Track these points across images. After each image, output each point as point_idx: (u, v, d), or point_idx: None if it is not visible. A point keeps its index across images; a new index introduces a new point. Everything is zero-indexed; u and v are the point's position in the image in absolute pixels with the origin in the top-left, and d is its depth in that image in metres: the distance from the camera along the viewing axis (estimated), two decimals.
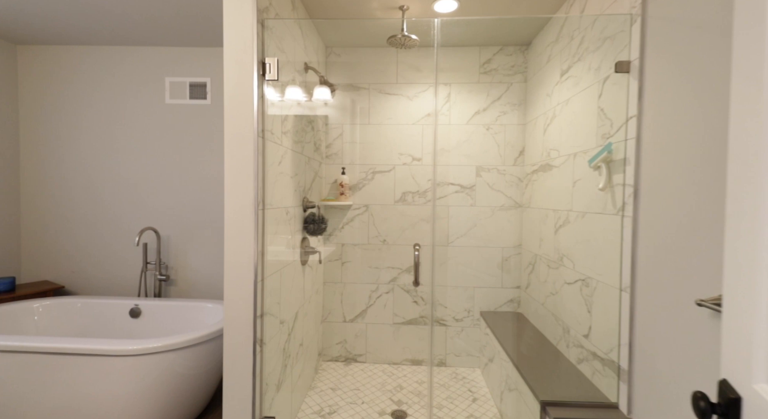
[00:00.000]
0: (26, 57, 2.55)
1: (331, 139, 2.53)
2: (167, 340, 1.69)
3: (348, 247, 2.53)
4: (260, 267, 1.41)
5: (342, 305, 2.54)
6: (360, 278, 2.52)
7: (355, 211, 2.52)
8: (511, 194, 2.43)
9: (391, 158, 2.50)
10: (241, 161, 1.34)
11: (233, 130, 1.33)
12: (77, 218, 2.59)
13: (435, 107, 2.44)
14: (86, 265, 2.60)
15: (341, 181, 2.45)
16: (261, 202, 1.40)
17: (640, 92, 1.27)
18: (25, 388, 1.65)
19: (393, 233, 2.50)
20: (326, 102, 2.58)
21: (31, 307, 2.20)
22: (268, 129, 1.46)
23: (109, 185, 2.57)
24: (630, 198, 1.29)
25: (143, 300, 2.32)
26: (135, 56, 2.54)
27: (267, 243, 1.47)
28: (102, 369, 1.64)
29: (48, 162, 2.59)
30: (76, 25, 2.28)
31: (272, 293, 1.54)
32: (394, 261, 2.50)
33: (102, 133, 2.57)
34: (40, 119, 2.58)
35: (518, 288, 2.44)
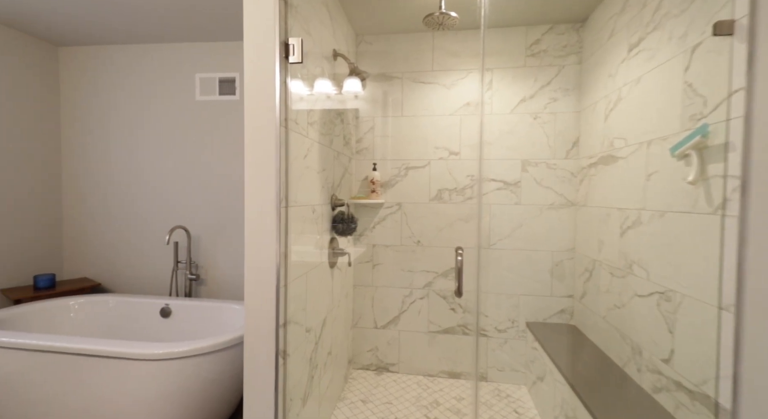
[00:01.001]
0: (67, 58, 2.61)
1: (361, 133, 2.37)
2: (192, 344, 1.61)
3: (379, 248, 2.36)
4: (283, 270, 1.27)
5: (373, 310, 2.37)
6: (392, 281, 2.35)
7: (386, 210, 2.35)
8: (563, 190, 2.16)
9: (426, 152, 2.30)
10: (261, 153, 1.20)
11: (253, 118, 1.20)
12: (113, 217, 2.62)
13: (481, 90, 2.21)
14: (121, 263, 2.62)
15: (372, 177, 2.29)
16: (284, 198, 1.26)
17: (750, 58, 0.99)
18: (53, 388, 1.62)
19: (428, 234, 2.30)
20: (357, 95, 2.43)
21: (68, 304, 2.22)
22: (292, 119, 1.32)
23: (142, 183, 2.57)
24: (735, 193, 1.02)
25: (173, 300, 2.29)
26: (167, 53, 2.52)
27: (291, 244, 1.33)
28: (127, 372, 1.58)
29: (86, 161, 2.64)
30: (111, 25, 2.28)
31: (297, 299, 1.40)
32: (430, 264, 2.30)
33: (136, 131, 2.58)
34: (80, 119, 2.63)
35: (571, 298, 2.16)
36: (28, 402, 1.65)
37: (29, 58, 2.42)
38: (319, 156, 1.63)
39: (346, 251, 1.87)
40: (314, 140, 1.57)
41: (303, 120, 1.44)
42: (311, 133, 1.53)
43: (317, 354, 1.66)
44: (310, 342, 1.57)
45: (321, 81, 1.66)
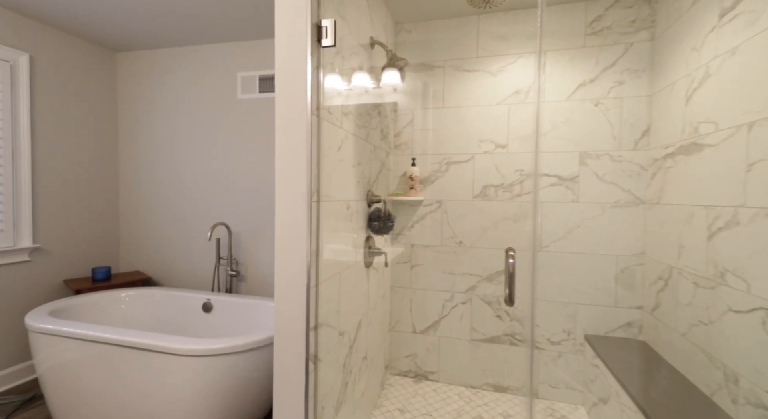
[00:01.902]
0: (123, 63, 2.76)
1: (399, 126, 2.25)
2: (228, 342, 1.59)
3: (418, 248, 2.23)
4: (314, 270, 1.18)
5: (411, 313, 2.25)
6: (432, 284, 2.21)
7: (426, 207, 2.21)
8: (630, 186, 1.89)
9: (470, 145, 2.13)
10: (292, 143, 1.12)
11: (284, 106, 1.13)
12: (162, 213, 2.73)
13: (537, 70, 1.99)
14: (169, 257, 2.73)
15: (411, 173, 2.16)
16: (315, 192, 1.17)
17: None
18: (99, 378, 1.68)
19: (471, 234, 2.13)
20: (395, 87, 2.32)
21: (119, 296, 2.33)
22: (324, 107, 1.23)
23: (187, 180, 2.66)
24: None
25: (215, 295, 2.32)
26: (210, 54, 2.58)
27: (323, 241, 1.24)
28: (166, 367, 1.59)
29: (139, 160, 2.77)
30: (161, 30, 2.37)
31: (329, 301, 1.31)
32: (473, 267, 2.13)
33: (182, 130, 2.66)
34: (134, 120, 2.78)
35: (640, 310, 1.89)
36: (78, 390, 1.73)
37: (91, 63, 2.58)
38: (354, 149, 1.54)
39: (382, 251, 1.77)
40: (349, 132, 1.47)
41: (337, 110, 1.35)
42: (346, 124, 1.44)
43: (351, 359, 1.56)
44: (344, 346, 1.48)
45: (357, 70, 1.56)
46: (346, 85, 1.43)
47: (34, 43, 2.25)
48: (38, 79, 2.28)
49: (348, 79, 1.45)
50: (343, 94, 1.40)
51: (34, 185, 2.27)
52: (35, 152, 2.28)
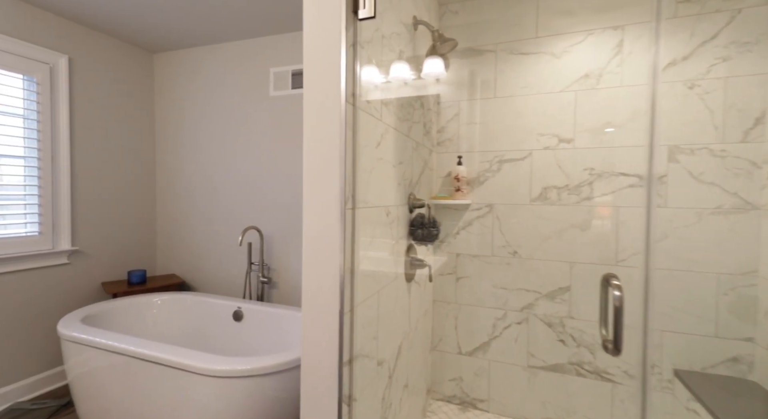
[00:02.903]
0: (160, 63, 2.73)
1: (443, 121, 2.00)
2: (256, 362, 1.44)
3: (465, 258, 1.97)
4: (348, 292, 0.97)
5: (457, 332, 1.99)
6: (481, 299, 1.94)
7: (474, 212, 1.95)
8: (738, 187, 1.51)
9: (527, 140, 1.84)
10: (322, 137, 0.92)
11: (313, 92, 0.93)
12: (195, 216, 2.67)
13: (655, 41, 1.66)
14: (202, 261, 2.66)
15: (457, 173, 1.90)
16: (350, 197, 0.96)
17: None
18: (125, 390, 1.59)
19: (528, 244, 1.84)
20: (438, 78, 2.08)
21: (152, 301, 2.27)
22: (362, 95, 1.02)
23: (220, 182, 2.57)
24: None
25: (246, 303, 2.20)
26: (243, 50, 2.47)
27: (359, 256, 1.03)
28: (189, 384, 1.46)
29: (175, 162, 2.73)
30: (195, 29, 2.30)
31: (367, 325, 1.10)
32: (530, 281, 1.84)
33: (215, 131, 2.58)
34: (169, 122, 2.74)
35: (751, 342, 1.51)
36: (105, 401, 1.65)
37: (129, 65, 2.57)
38: (395, 146, 1.32)
39: (426, 263, 1.53)
40: (389, 125, 1.25)
41: (376, 98, 1.13)
42: (386, 116, 1.22)
43: (391, 392, 1.34)
44: (383, 378, 1.26)
45: (399, 53, 1.34)
46: (386, 70, 1.22)
47: (72, 45, 2.24)
48: (77, 82, 2.27)
49: (389, 63, 1.23)
50: (383, 79, 1.18)
51: (72, 187, 2.27)
52: (74, 154, 2.27)
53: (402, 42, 1.37)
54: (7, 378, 1.99)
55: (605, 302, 0.85)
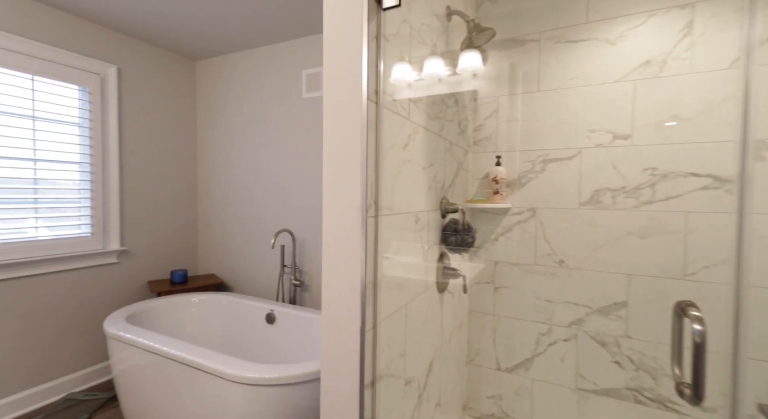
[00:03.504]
0: (201, 70, 2.83)
1: (480, 118, 1.86)
2: (285, 370, 1.41)
3: (504, 267, 1.81)
4: (370, 307, 0.89)
5: (495, 346, 1.84)
6: (522, 312, 1.78)
7: (515, 216, 1.79)
8: None
9: (575, 137, 1.65)
10: (342, 138, 0.85)
11: (332, 89, 0.85)
12: (232, 218, 2.73)
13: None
14: (238, 262, 2.71)
15: (495, 175, 1.76)
16: (373, 204, 0.88)
17: None
18: (160, 390, 1.62)
19: (577, 252, 1.65)
20: (475, 73, 1.94)
21: (191, 300, 2.34)
22: (386, 92, 0.93)
23: (255, 185, 2.61)
24: None
25: (278, 306, 2.20)
26: (275, 54, 2.48)
27: (383, 267, 0.94)
28: (218, 389, 1.46)
29: (214, 165, 2.81)
30: (232, 36, 2.35)
31: (393, 343, 1.01)
32: (580, 294, 1.65)
33: (250, 134, 2.62)
34: (209, 127, 2.83)
35: None
36: (143, 398, 1.70)
37: (173, 72, 2.68)
38: (425, 147, 1.22)
39: (460, 273, 1.41)
40: (419, 125, 1.16)
41: (403, 95, 1.04)
42: (415, 114, 1.13)
43: (421, 411, 1.24)
44: (412, 398, 1.16)
45: (430, 46, 1.24)
46: (415, 65, 1.12)
47: (121, 55, 2.37)
48: (125, 90, 2.40)
49: (418, 57, 1.14)
50: (412, 76, 1.09)
51: (121, 191, 2.40)
52: (122, 159, 2.40)
53: (434, 34, 1.27)
54: (63, 370, 2.14)
55: (678, 335, 0.69)
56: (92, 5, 2.03)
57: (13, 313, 1.93)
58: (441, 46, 1.37)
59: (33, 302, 2.01)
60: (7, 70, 1.91)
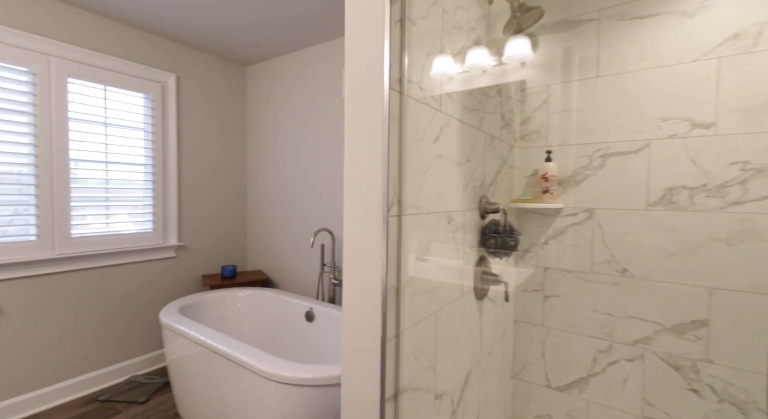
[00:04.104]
0: (251, 75, 2.96)
1: (529, 110, 1.70)
2: (320, 372, 1.39)
3: (555, 273, 1.64)
4: (393, 313, 0.82)
5: (545, 360, 1.67)
6: (576, 324, 1.59)
7: (568, 218, 1.61)
8: None
9: (643, 128, 1.44)
10: (361, 132, 0.79)
11: (353, 79, 0.80)
12: (277, 216, 2.82)
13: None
14: (283, 260, 2.79)
15: (545, 172, 1.59)
16: (396, 202, 0.81)
17: None
18: (205, 381, 1.70)
19: (644, 260, 1.43)
20: (523, 62, 1.78)
21: (237, 295, 2.44)
22: (413, 81, 0.86)
23: (299, 183, 2.66)
24: None
25: (318, 305, 2.21)
26: (317, 55, 2.51)
27: (408, 270, 0.87)
28: (253, 385, 1.49)
29: (261, 165, 2.93)
30: (282, 40, 2.42)
31: (420, 352, 0.93)
32: (647, 309, 1.43)
33: (294, 134, 2.68)
34: (258, 129, 2.95)
35: None
36: (191, 387, 1.79)
37: (225, 78, 2.83)
38: (460, 141, 1.12)
39: (501, 279, 1.29)
40: (452, 117, 1.06)
41: (432, 84, 0.96)
42: (448, 105, 1.03)
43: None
44: (443, 413, 1.07)
45: (466, 31, 1.14)
46: (447, 51, 1.03)
47: (179, 64, 2.55)
48: (183, 97, 2.58)
49: (452, 42, 1.05)
50: (444, 64, 1.00)
51: (179, 190, 2.58)
52: (180, 161, 2.58)
53: (471, 18, 1.17)
54: (127, 353, 2.34)
55: None
56: (155, 19, 2.20)
57: (88, 300, 2.16)
58: (480, 31, 1.26)
59: (104, 290, 2.22)
60: (85, 81, 2.13)
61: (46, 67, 1.96)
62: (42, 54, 1.94)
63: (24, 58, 1.88)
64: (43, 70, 1.95)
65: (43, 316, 1.98)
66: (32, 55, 1.91)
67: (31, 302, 1.94)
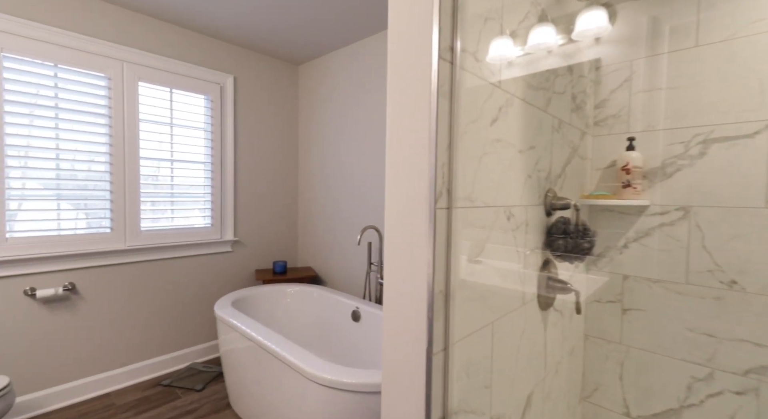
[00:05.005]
0: (303, 73, 2.99)
1: (605, 91, 1.46)
2: (363, 377, 1.32)
3: (637, 283, 1.39)
4: (442, 322, 0.70)
5: (622, 383, 1.42)
6: (665, 345, 1.33)
7: (655, 217, 1.35)
8: None
9: (757, 106, 1.15)
10: (404, 110, 0.68)
11: (396, 46, 0.70)
12: (326, 213, 2.81)
13: None
14: (330, 257, 2.78)
15: (626, 162, 1.36)
16: (445, 193, 0.69)
17: None
18: (253, 374, 1.71)
19: (760, 270, 1.15)
20: (598, 37, 1.55)
21: (286, 290, 2.47)
22: (467, 49, 0.73)
23: (347, 181, 2.62)
24: None
25: (364, 305, 2.15)
26: (366, 47, 2.45)
27: (459, 272, 0.74)
28: (298, 385, 1.45)
29: (311, 163, 2.95)
30: (331, 37, 2.41)
31: (473, 369, 0.80)
32: (764, 331, 1.14)
33: (343, 131, 2.65)
34: (309, 127, 2.97)
35: None
36: (241, 379, 1.82)
37: (279, 77, 2.89)
38: (523, 124, 0.96)
39: (571, 287, 1.10)
40: (513, 95, 0.91)
41: (490, 55, 0.82)
42: (508, 82, 0.89)
43: None
44: None
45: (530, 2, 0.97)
46: (509, 15, 0.88)
47: (236, 65, 2.64)
48: (239, 97, 2.67)
49: (513, 5, 0.89)
50: (503, 29, 0.86)
51: (235, 187, 2.68)
52: (236, 159, 2.68)
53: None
54: (188, 341, 2.47)
55: None
56: (214, 22, 2.29)
57: (152, 289, 2.31)
58: (547, 1, 1.08)
59: (167, 281, 2.37)
60: (153, 85, 2.28)
61: (119, 72, 2.12)
62: (116, 60, 2.10)
63: (101, 64, 2.06)
64: (117, 75, 2.11)
65: (113, 303, 2.15)
66: (108, 61, 2.08)
67: (105, 290, 2.12)
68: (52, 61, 1.91)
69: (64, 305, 1.98)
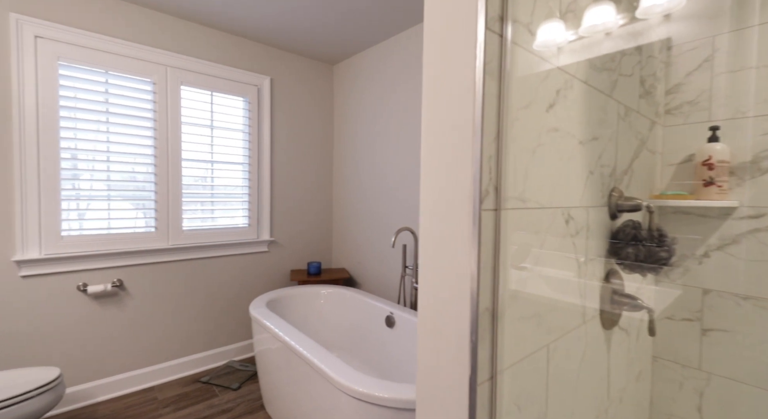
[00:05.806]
0: (338, 73, 2.96)
1: (680, 74, 1.25)
2: (396, 392, 1.23)
3: (720, 299, 1.17)
4: (488, 346, 0.59)
5: (701, 416, 1.21)
6: (757, 374, 1.11)
7: (743, 222, 1.13)
8: None
9: None
10: (442, 90, 0.57)
11: (434, 14, 0.59)
12: (360, 215, 2.75)
13: None
14: (364, 259, 2.71)
15: (708, 156, 1.15)
16: (492, 191, 0.58)
17: None
18: (285, 376, 1.67)
19: None
20: (668, 14, 1.35)
21: (320, 292, 2.43)
22: (519, 20, 0.61)
23: (381, 182, 2.54)
24: None
25: (398, 310, 2.06)
26: (398, 46, 2.35)
27: (507, 288, 0.62)
28: (327, 393, 1.39)
29: (346, 163, 2.90)
30: (363, 35, 2.35)
31: (525, 401, 0.68)
32: None
33: (377, 130, 2.58)
34: (344, 126, 2.93)
35: None
36: (274, 380, 1.80)
37: (315, 77, 2.88)
38: (585, 110, 0.81)
39: (643, 304, 0.93)
40: (573, 76, 0.77)
41: (548, 28, 0.69)
42: (567, 59, 0.75)
43: None
44: None
45: None
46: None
47: (273, 67, 2.65)
48: (276, 98, 2.68)
49: None
50: (562, 1, 0.72)
51: (272, 188, 2.69)
52: (273, 160, 2.69)
53: None
54: (226, 339, 2.52)
55: None
56: (252, 25, 2.31)
57: (193, 287, 2.37)
58: None
59: (207, 279, 2.42)
60: (194, 89, 2.34)
61: (164, 77, 2.19)
62: (160, 65, 2.18)
63: (147, 70, 2.13)
64: (161, 80, 2.18)
65: (157, 299, 2.23)
66: (153, 67, 2.15)
67: (149, 287, 2.19)
68: (103, 68, 2.01)
69: (112, 301, 2.07)
